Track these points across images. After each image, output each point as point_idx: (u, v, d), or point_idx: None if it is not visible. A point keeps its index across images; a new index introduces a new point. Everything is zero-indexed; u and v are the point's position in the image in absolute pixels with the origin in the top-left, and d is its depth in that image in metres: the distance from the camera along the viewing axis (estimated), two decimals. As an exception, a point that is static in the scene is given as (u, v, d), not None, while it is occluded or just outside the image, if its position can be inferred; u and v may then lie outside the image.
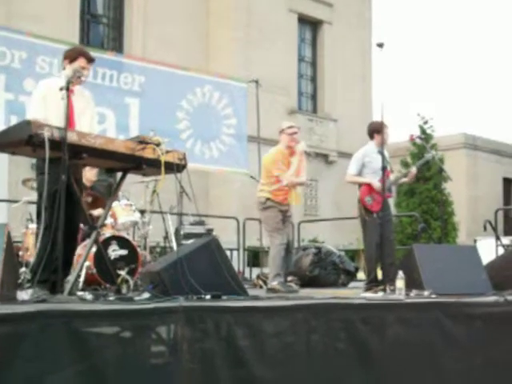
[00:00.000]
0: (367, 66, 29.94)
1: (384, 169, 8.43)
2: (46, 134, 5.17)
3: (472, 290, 6.52)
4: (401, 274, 6.20)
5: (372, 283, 8.11)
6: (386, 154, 8.85)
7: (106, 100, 10.39)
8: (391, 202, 8.79)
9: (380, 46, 6.99)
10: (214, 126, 11.78)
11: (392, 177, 8.70)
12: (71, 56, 6.24)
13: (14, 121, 8.57)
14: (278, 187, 8.53)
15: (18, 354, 3.75)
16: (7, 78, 9.44)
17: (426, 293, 6.37)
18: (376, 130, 8.45)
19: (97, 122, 6.88)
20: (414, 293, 6.36)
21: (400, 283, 6.15)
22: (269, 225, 8.63)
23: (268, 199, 8.55)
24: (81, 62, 6.17)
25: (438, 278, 6.60)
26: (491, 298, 6.32)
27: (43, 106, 5.99)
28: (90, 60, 6.27)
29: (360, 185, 8.46)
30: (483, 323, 6.03)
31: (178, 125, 11.32)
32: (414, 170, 8.74)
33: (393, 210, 8.63)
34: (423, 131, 24.73)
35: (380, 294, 6.86)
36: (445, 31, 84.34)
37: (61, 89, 5.52)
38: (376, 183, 8.11)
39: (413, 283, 6.45)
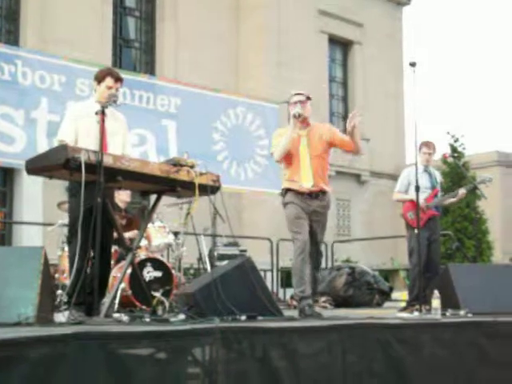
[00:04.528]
0: (399, 85, 29.83)
1: (433, 188, 8.48)
2: (83, 157, 5.24)
3: (509, 308, 6.46)
4: (436, 293, 6.18)
5: (413, 302, 8.05)
6: (436, 172, 8.84)
7: (145, 122, 10.51)
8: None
9: (413, 65, 6.99)
10: (248, 147, 11.84)
11: (440, 196, 8.70)
12: (99, 77, 6.34)
13: (55, 142, 8.69)
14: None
15: (56, 376, 3.77)
16: (50, 101, 9.63)
17: (461, 312, 6.33)
18: (419, 149, 8.50)
19: (131, 145, 6.94)
20: (449, 312, 6.32)
21: (436, 303, 6.13)
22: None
23: (286, 191, 6.86)
24: (108, 81, 6.26)
25: (474, 297, 6.56)
26: (529, 317, 6.25)
27: (73, 129, 6.10)
28: (118, 79, 6.33)
29: (404, 201, 8.57)
30: (520, 343, 5.98)
31: (214, 146, 11.40)
32: (462, 191, 8.68)
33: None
34: (454, 149, 24.46)
35: (416, 314, 6.83)
36: (473, 47, 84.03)
37: (96, 113, 5.60)
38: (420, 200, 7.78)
39: (448, 303, 6.41)
